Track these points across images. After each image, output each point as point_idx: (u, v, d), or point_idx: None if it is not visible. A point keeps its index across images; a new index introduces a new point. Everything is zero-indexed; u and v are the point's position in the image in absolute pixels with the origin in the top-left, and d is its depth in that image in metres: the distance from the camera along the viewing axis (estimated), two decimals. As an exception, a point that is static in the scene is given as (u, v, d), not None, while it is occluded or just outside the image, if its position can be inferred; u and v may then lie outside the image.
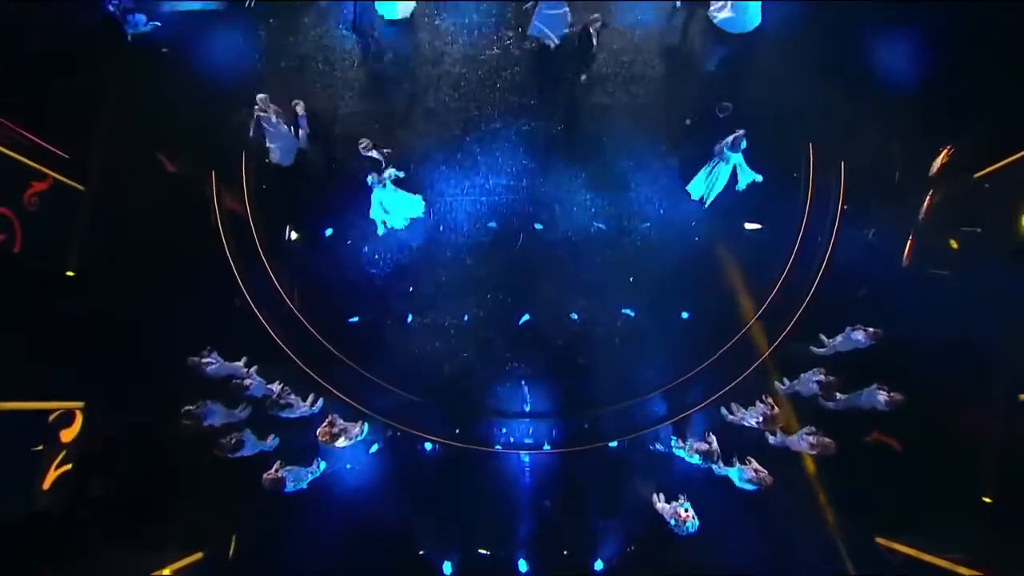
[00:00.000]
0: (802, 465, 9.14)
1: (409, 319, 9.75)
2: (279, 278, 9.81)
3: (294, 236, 9.93)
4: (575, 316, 9.71)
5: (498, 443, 9.71)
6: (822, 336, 9.02)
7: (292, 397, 9.02)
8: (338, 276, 9.79)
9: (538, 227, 9.81)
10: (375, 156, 9.28)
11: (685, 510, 8.35)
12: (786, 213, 9.69)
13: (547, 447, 9.67)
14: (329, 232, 9.87)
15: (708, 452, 8.66)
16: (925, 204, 9.41)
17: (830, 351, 8.88)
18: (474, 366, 9.69)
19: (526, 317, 9.73)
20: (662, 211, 9.79)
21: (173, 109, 9.77)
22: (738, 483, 8.46)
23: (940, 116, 9.30)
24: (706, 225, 9.71)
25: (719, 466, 8.69)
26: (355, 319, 9.77)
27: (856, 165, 9.60)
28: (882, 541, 8.92)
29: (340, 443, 8.91)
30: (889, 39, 9.63)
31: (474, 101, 10.02)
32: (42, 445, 8.89)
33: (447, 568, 9.41)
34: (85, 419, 9.37)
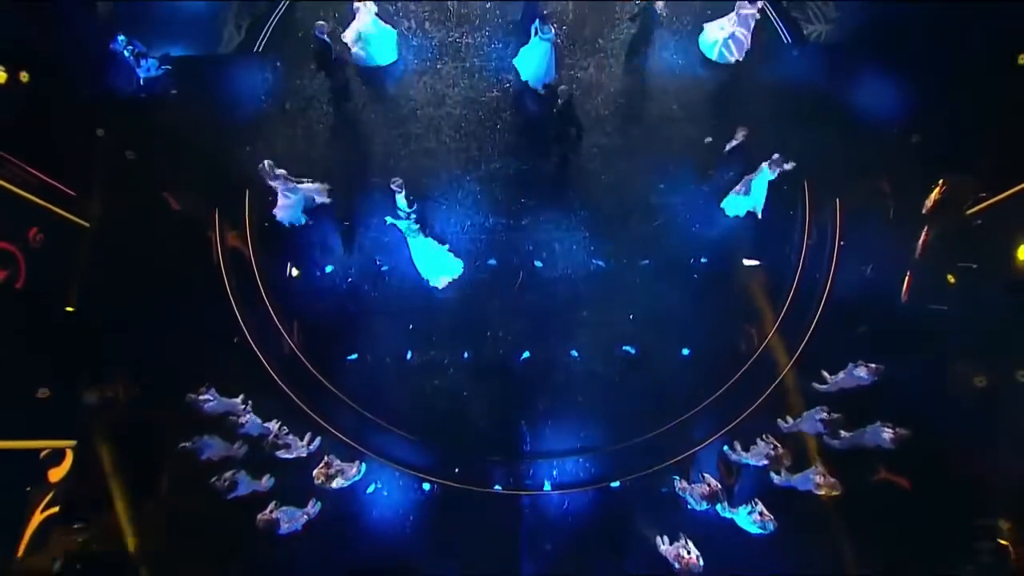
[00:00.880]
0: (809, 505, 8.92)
1: (408, 356, 9.69)
2: (279, 315, 9.80)
3: (295, 272, 9.97)
4: (575, 353, 9.66)
5: (497, 483, 9.48)
6: (824, 373, 8.96)
7: (290, 437, 8.89)
8: (338, 313, 9.78)
9: (538, 264, 9.87)
10: (404, 197, 9.16)
11: (688, 552, 8.12)
12: (784, 250, 9.82)
13: (547, 487, 9.45)
14: (329, 269, 9.92)
15: (711, 494, 8.47)
16: (921, 240, 9.53)
17: (833, 388, 8.81)
18: (474, 404, 9.56)
19: (526, 355, 9.68)
20: (661, 248, 9.88)
21: (180, 149, 9.99)
22: (744, 526, 8.27)
23: (933, 153, 9.55)
24: (705, 262, 9.80)
25: (724, 507, 8.50)
26: (354, 356, 9.71)
27: (851, 202, 9.78)
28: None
29: (336, 484, 8.72)
30: (880, 78, 10.00)
31: (474, 141, 10.26)
32: (30, 486, 8.70)
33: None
34: (75, 458, 9.18)
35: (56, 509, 8.93)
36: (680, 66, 10.57)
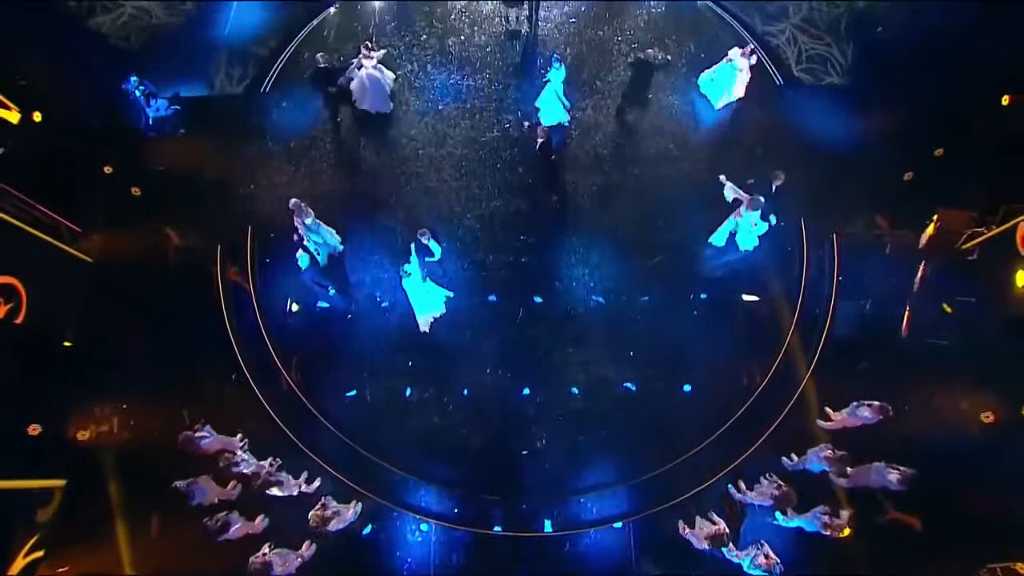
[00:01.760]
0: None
1: (408, 393, 9.59)
2: (277, 352, 9.75)
3: (295, 308, 9.97)
4: (575, 391, 9.58)
5: (497, 525, 9.24)
6: (827, 409, 8.88)
7: (283, 475, 8.70)
8: (337, 350, 9.75)
9: (537, 300, 9.89)
10: (435, 242, 9.22)
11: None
12: (783, 286, 9.88)
13: (548, 527, 9.20)
14: (327, 305, 9.95)
15: (717, 535, 8.24)
16: (918, 275, 9.60)
17: (837, 426, 8.70)
18: (473, 442, 9.41)
19: (526, 391, 9.60)
20: (661, 285, 9.92)
21: (185, 185, 10.17)
22: (747, 569, 8.03)
23: (928, 189, 9.76)
24: (705, 298, 9.84)
25: (729, 549, 8.26)
26: (353, 393, 9.61)
27: (848, 238, 9.92)
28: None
29: (332, 526, 8.49)
30: (874, 116, 10.32)
31: (475, 179, 10.44)
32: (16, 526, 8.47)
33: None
34: (64, 499, 8.95)
35: (41, 553, 8.65)
36: (677, 106, 10.93)
